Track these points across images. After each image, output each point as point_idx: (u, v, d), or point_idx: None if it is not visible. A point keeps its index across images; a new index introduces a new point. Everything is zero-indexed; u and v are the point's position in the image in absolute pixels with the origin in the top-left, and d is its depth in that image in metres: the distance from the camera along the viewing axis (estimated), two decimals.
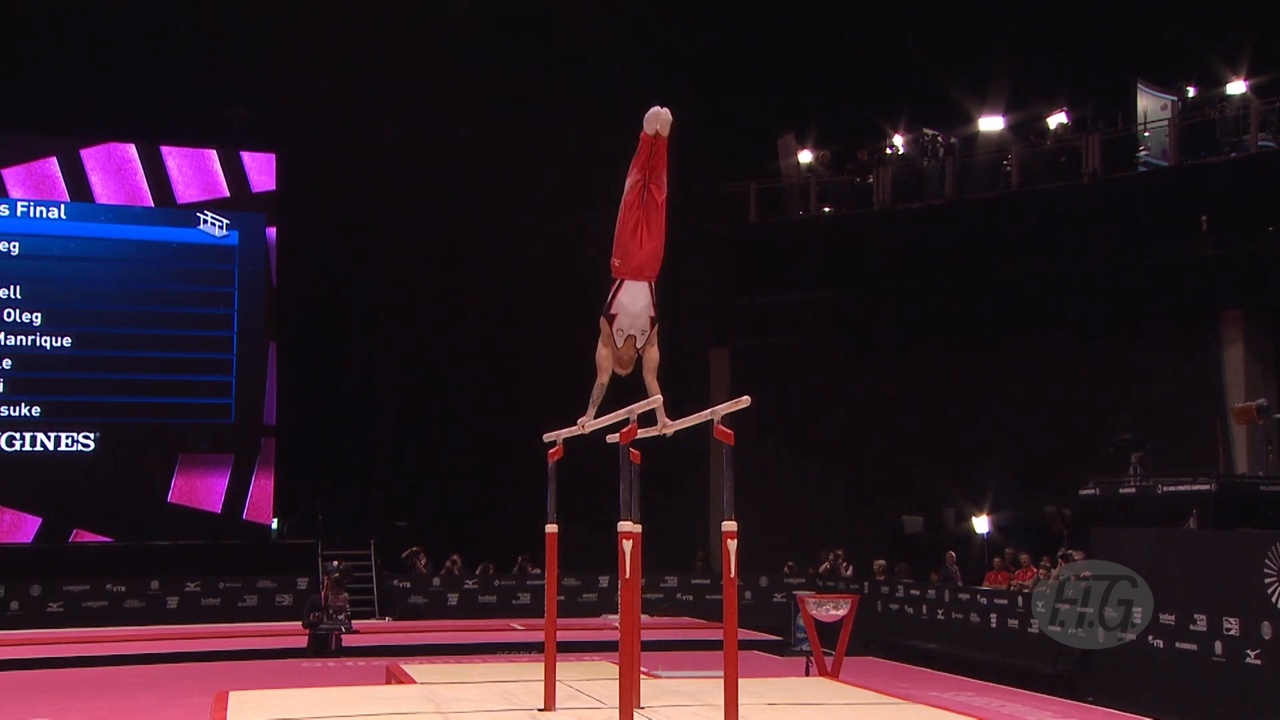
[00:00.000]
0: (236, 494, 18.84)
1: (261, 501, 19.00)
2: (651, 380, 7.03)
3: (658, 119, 6.97)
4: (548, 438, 8.27)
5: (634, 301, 6.97)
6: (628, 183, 7.09)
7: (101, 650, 14.24)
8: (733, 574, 6.52)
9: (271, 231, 19.18)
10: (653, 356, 7.05)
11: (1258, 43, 17.20)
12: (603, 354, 6.99)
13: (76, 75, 18.22)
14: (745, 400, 6.56)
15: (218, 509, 18.76)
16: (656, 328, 7.08)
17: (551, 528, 8.18)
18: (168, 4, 18.19)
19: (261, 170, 19.25)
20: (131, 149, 18.69)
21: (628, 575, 6.61)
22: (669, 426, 7.04)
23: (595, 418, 7.09)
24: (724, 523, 6.52)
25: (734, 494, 6.62)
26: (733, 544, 6.47)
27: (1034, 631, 13.51)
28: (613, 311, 6.97)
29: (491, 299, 20.14)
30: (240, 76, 18.86)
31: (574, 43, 19.66)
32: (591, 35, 19.52)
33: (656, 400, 6.78)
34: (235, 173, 19.10)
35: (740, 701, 7.54)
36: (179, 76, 18.57)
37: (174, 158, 18.89)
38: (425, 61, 19.59)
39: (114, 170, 18.62)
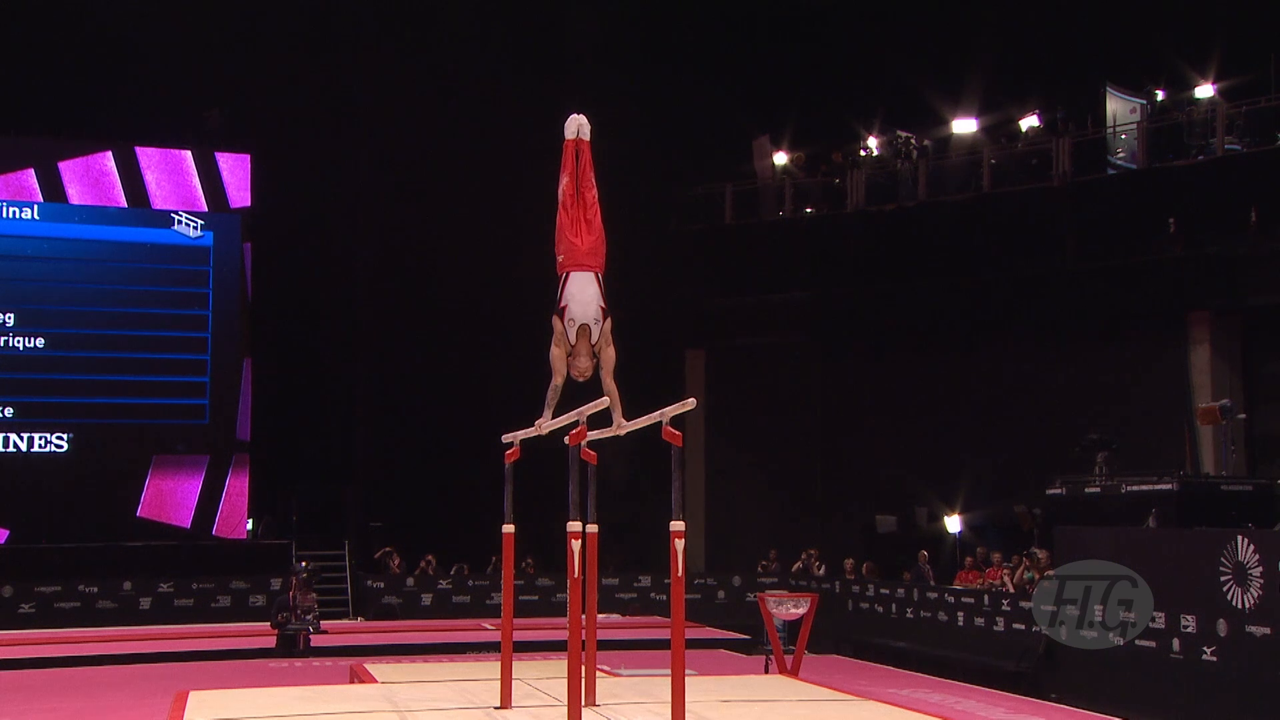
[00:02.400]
0: (207, 508, 18.80)
1: (232, 517, 18.98)
2: (609, 380, 7.04)
3: (576, 123, 7.44)
4: (506, 438, 8.38)
5: (582, 289, 7.04)
6: (560, 187, 7.31)
7: (71, 651, 14.24)
8: (680, 573, 6.59)
9: (248, 247, 19.18)
10: (609, 356, 7.04)
11: (1225, 47, 17.35)
12: (556, 354, 7.01)
13: (50, 76, 18.21)
14: (691, 402, 6.65)
15: (187, 524, 18.73)
16: (610, 323, 7.07)
17: (508, 528, 8.27)
18: (142, 5, 18.17)
19: (239, 186, 19.25)
20: (109, 160, 18.66)
21: (575, 574, 6.72)
22: (623, 427, 7.08)
23: (553, 418, 7.16)
24: (672, 523, 6.59)
25: (682, 495, 6.67)
26: (680, 543, 6.54)
27: (1000, 629, 13.66)
28: (562, 304, 7.03)
29: (466, 302, 20.17)
30: (215, 80, 18.92)
31: (552, 46, 19.72)
32: (570, 38, 19.58)
33: (605, 401, 6.84)
34: (212, 185, 19.09)
35: (695, 698, 7.65)
36: (154, 78, 18.57)
37: (152, 171, 18.88)
38: (398, 68, 19.66)
39: (91, 183, 18.64)
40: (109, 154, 18.69)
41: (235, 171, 19.28)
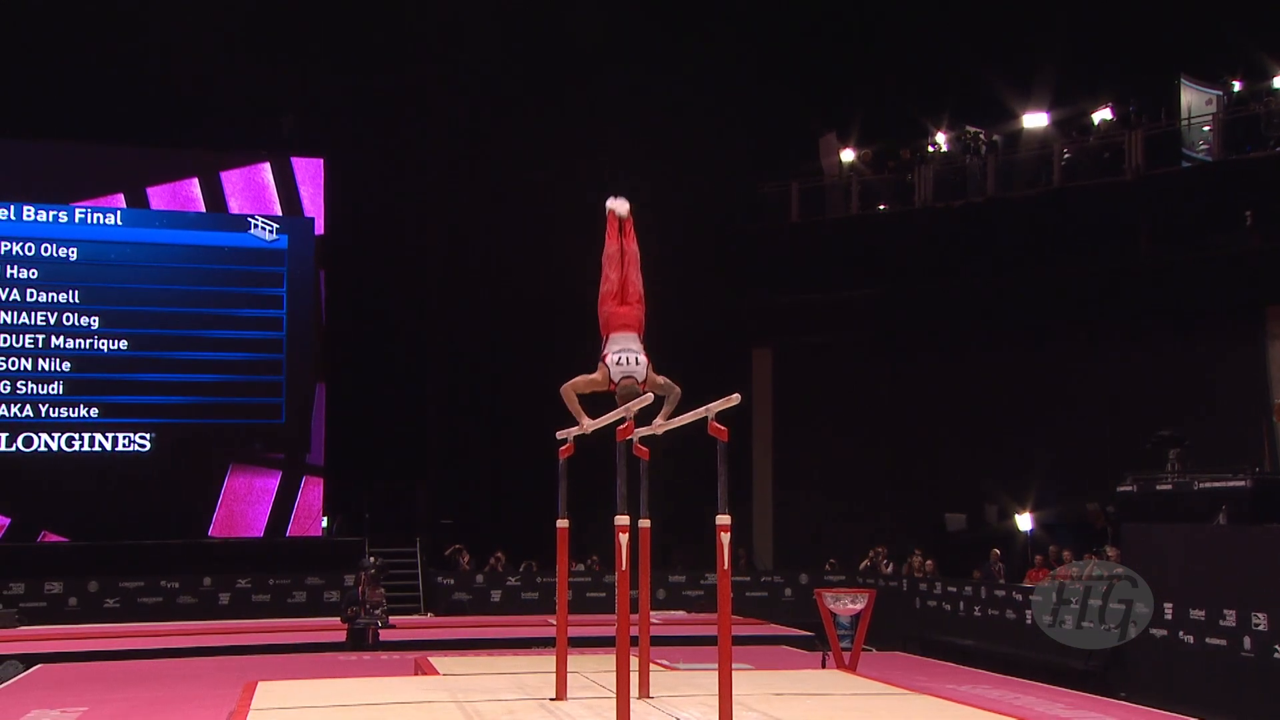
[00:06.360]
0: (278, 523, 19.16)
1: (307, 517, 19.26)
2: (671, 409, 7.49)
3: (615, 206, 7.68)
4: (560, 434, 8.50)
5: (627, 344, 7.47)
6: (604, 252, 7.72)
7: (151, 644, 14.62)
8: (725, 565, 6.67)
9: (322, 274, 19.62)
10: (676, 393, 7.51)
11: None
12: (580, 383, 7.47)
13: (128, 83, 18.71)
14: (735, 398, 6.73)
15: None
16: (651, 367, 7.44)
17: (562, 523, 8.38)
18: (210, 14, 18.64)
19: (313, 192, 19.66)
20: (195, 186, 19.24)
21: (623, 567, 6.82)
22: (661, 427, 7.41)
23: (593, 417, 7.41)
24: (718, 517, 6.67)
25: (728, 489, 6.77)
26: (726, 537, 6.64)
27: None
28: (605, 353, 7.52)
29: (537, 300, 20.37)
30: (290, 85, 19.37)
31: (619, 47, 19.81)
32: (637, 37, 19.66)
33: (649, 397, 6.97)
34: (288, 190, 19.53)
35: (747, 691, 7.73)
36: (231, 85, 19.02)
37: (235, 197, 19.40)
38: (466, 73, 19.91)
39: (178, 207, 19.27)
40: (195, 180, 19.28)
41: (310, 178, 19.70)
